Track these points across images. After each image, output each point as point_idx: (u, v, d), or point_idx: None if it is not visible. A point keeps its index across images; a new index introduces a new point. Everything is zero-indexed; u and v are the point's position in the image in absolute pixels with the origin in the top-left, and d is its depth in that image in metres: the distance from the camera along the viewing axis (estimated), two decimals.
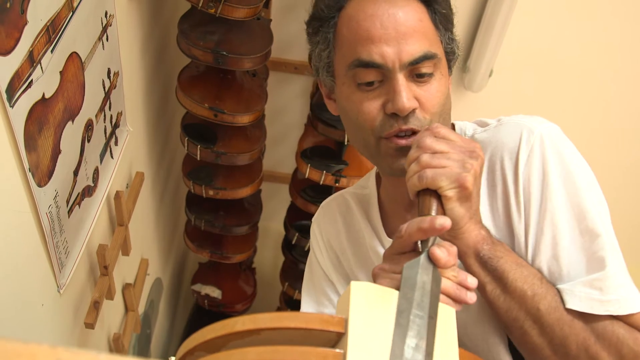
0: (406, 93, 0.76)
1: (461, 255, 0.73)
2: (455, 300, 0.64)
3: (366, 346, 0.48)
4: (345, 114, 0.85)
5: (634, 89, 1.86)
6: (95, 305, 1.08)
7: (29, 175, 0.77)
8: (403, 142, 0.78)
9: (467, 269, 0.72)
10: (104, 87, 1.03)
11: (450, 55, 0.84)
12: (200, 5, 1.26)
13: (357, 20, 0.79)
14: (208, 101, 1.42)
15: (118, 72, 1.10)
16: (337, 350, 0.48)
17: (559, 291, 0.72)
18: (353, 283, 0.54)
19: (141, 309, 1.55)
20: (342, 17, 0.81)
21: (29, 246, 0.83)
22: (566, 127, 0.84)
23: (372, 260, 0.91)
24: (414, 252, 0.67)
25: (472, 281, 0.66)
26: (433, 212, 0.67)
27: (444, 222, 0.63)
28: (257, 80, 1.57)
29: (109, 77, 1.05)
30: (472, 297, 0.65)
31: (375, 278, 0.69)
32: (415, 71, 0.77)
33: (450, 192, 0.67)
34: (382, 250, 0.90)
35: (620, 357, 0.69)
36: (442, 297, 0.63)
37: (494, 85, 1.79)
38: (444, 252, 0.63)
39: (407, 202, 0.87)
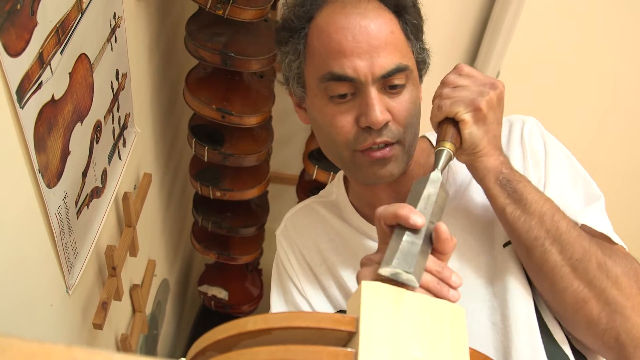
0: (379, 107, 0.77)
1: (481, 178, 0.77)
2: (436, 296, 0.62)
3: (377, 345, 0.48)
4: (317, 126, 0.86)
5: None
6: (104, 306, 1.08)
7: (39, 176, 0.77)
8: (378, 154, 0.80)
9: (487, 192, 0.77)
10: (113, 89, 1.03)
11: (421, 65, 0.85)
12: (208, 6, 1.26)
13: (328, 32, 0.78)
14: (215, 102, 1.42)
15: (126, 73, 1.10)
16: (349, 349, 0.48)
17: None
18: (364, 282, 0.54)
19: (148, 309, 1.55)
20: (312, 28, 0.81)
21: (39, 247, 0.83)
22: (575, 129, 0.86)
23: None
24: None
25: (457, 279, 0.64)
26: (449, 138, 0.73)
27: (417, 219, 0.61)
28: (264, 82, 1.57)
29: (117, 78, 1.05)
30: (454, 295, 0.63)
31: (361, 267, 0.68)
32: (388, 83, 0.78)
33: (466, 116, 0.72)
34: (372, 244, 0.89)
35: (626, 273, 0.73)
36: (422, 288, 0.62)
37: None
38: (449, 234, 0.63)
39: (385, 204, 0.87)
